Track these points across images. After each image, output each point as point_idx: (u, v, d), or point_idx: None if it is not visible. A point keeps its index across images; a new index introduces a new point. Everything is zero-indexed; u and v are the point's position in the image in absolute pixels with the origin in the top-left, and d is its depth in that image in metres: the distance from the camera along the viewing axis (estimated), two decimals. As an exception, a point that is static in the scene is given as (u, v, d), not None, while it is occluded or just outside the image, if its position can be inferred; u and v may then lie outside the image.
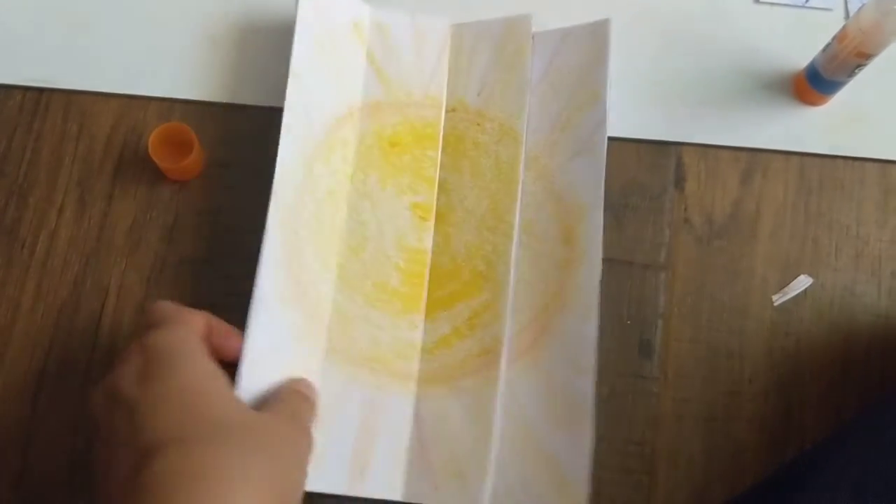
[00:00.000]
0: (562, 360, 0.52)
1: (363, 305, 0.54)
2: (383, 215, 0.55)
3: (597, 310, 0.52)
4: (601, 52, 0.57)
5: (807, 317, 0.56)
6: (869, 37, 0.51)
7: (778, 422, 0.54)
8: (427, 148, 0.57)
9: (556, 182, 0.56)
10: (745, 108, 0.60)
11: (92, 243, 0.56)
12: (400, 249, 0.55)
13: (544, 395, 0.52)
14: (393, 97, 0.58)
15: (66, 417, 0.52)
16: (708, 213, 0.58)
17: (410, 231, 0.55)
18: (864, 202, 0.58)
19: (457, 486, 0.50)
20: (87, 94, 0.58)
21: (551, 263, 0.54)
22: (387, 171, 0.56)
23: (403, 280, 0.54)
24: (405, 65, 0.58)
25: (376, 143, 0.57)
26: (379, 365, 0.53)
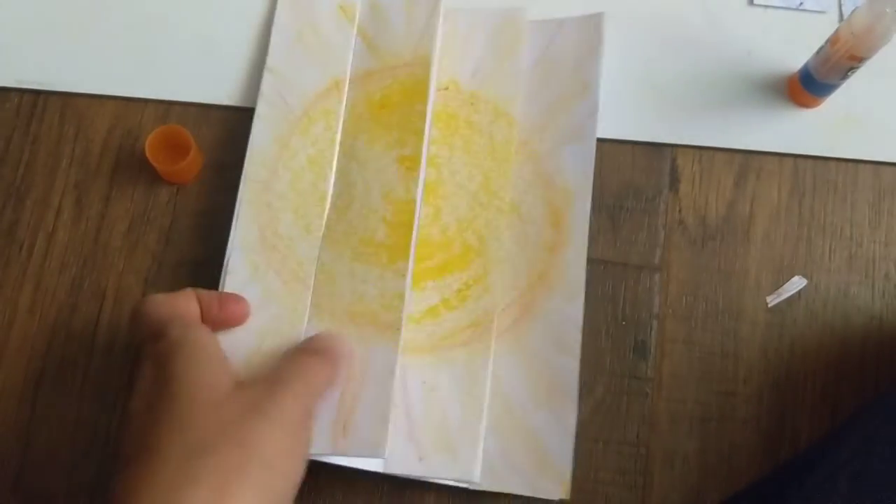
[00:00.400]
0: (546, 340, 0.54)
1: (349, 261, 0.54)
2: (370, 173, 0.56)
3: (582, 292, 0.54)
4: (594, 44, 0.59)
5: (801, 318, 0.57)
6: (861, 40, 0.52)
7: (772, 423, 0.55)
8: (415, 102, 0.57)
9: (545, 166, 0.57)
10: (739, 110, 0.60)
11: (89, 245, 0.56)
12: (387, 202, 0.55)
13: (526, 372, 0.53)
14: (382, 63, 0.58)
15: (65, 419, 0.53)
16: (702, 214, 0.58)
17: (398, 183, 0.55)
18: (857, 204, 0.59)
19: (446, 457, 0.51)
20: (83, 97, 0.59)
21: (537, 245, 0.56)
22: (376, 131, 0.57)
23: (390, 232, 0.54)
24: (396, 33, 0.59)
25: (366, 108, 0.57)
26: (364, 319, 0.52)
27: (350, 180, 0.56)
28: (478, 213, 0.56)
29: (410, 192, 0.55)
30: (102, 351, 0.54)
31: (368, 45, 0.59)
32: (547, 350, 0.54)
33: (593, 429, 0.54)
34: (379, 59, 0.59)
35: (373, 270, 0.53)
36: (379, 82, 0.58)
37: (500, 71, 0.59)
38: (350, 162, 0.56)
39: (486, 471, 0.51)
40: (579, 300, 0.54)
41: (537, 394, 0.53)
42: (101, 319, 0.55)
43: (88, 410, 0.53)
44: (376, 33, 0.59)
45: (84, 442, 0.53)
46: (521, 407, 0.53)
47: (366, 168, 0.56)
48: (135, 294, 0.55)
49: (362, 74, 0.58)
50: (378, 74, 0.58)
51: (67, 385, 0.53)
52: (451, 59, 0.59)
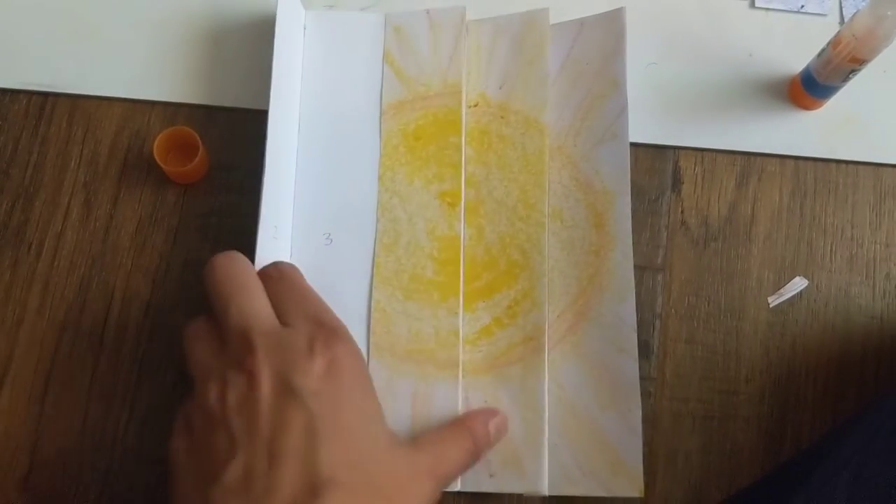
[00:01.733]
0: (604, 342, 0.54)
1: (402, 300, 0.55)
2: (413, 208, 0.56)
3: (633, 291, 0.54)
4: (618, 40, 0.59)
5: (802, 318, 0.57)
6: (863, 42, 0.52)
7: (774, 421, 0.55)
8: (450, 134, 0.57)
9: (581, 170, 0.57)
10: (741, 112, 0.60)
11: (98, 245, 0.56)
12: (432, 239, 0.56)
13: (588, 377, 0.54)
14: (413, 93, 0.59)
15: (74, 418, 0.53)
16: (704, 215, 0.59)
17: (441, 219, 0.56)
18: (858, 205, 0.59)
19: (514, 472, 0.52)
20: (91, 99, 0.59)
21: (584, 249, 0.56)
22: (413, 165, 0.57)
23: (438, 269, 0.55)
24: (423, 59, 0.59)
25: (402, 140, 0.58)
26: (423, 356, 0.54)
27: (394, 216, 0.56)
28: (519, 228, 0.56)
29: (454, 228, 0.56)
30: (111, 350, 0.54)
31: (396, 72, 0.59)
32: (605, 352, 0.54)
33: (597, 427, 0.55)
34: (408, 87, 0.59)
35: (426, 309, 0.54)
36: (411, 112, 0.58)
37: (525, 78, 0.59)
38: (392, 197, 0.57)
39: (561, 478, 0.52)
40: (631, 300, 0.54)
41: (601, 396, 0.53)
42: (109, 319, 0.55)
43: (97, 410, 0.53)
44: (403, 60, 0.59)
45: (92, 441, 0.53)
46: (587, 411, 0.53)
47: (408, 203, 0.56)
48: (142, 294, 0.55)
49: (395, 105, 0.58)
50: (410, 104, 0.58)
51: (76, 384, 0.54)
52: (477, 74, 0.59)
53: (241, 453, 0.40)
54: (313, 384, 0.42)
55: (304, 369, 0.42)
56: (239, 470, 0.40)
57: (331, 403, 0.42)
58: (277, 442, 0.40)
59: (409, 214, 0.56)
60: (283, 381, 0.42)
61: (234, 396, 0.42)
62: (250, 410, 0.41)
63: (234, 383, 0.42)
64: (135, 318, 0.55)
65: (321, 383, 0.42)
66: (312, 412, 0.41)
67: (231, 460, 0.40)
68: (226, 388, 0.43)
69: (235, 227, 0.56)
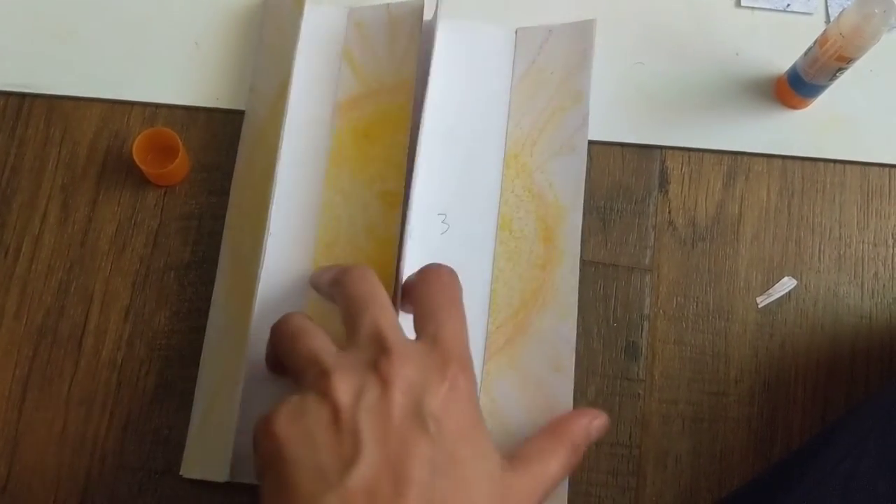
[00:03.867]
0: (541, 359, 0.53)
1: None
2: (354, 208, 0.54)
3: (575, 310, 0.53)
4: (586, 52, 0.58)
5: (791, 318, 0.57)
6: (850, 41, 0.52)
7: (764, 423, 0.55)
8: (397, 132, 0.55)
9: (535, 180, 0.56)
10: (728, 111, 0.60)
11: (76, 249, 0.55)
12: (370, 239, 0.54)
13: (522, 393, 0.52)
14: (367, 88, 0.57)
15: (52, 425, 0.52)
16: (691, 215, 0.58)
17: (379, 220, 0.54)
18: (845, 204, 0.59)
19: None
20: (69, 100, 0.58)
21: (530, 262, 0.55)
22: (358, 162, 0.55)
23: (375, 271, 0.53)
24: (380, 54, 0.57)
25: (351, 138, 0.56)
26: None
27: (335, 214, 0.55)
28: None
29: (390, 229, 0.53)
30: (90, 356, 0.53)
31: (354, 70, 0.57)
32: (541, 369, 0.53)
33: (586, 430, 0.54)
34: (363, 83, 0.57)
35: None
36: (363, 109, 0.56)
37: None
38: (336, 195, 0.55)
39: None
40: (572, 319, 0.53)
41: (532, 413, 0.52)
42: (88, 324, 0.54)
43: (76, 416, 0.52)
44: (362, 56, 0.58)
45: (72, 448, 0.52)
46: (519, 428, 0.51)
47: (350, 201, 0.55)
48: (122, 298, 0.54)
49: (349, 101, 0.57)
50: (363, 101, 0.57)
51: (54, 390, 0.53)
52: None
53: (366, 461, 0.39)
54: (439, 410, 0.40)
55: (435, 392, 0.41)
56: (363, 479, 0.38)
57: (452, 435, 0.40)
58: (404, 466, 0.39)
59: (350, 214, 0.54)
60: (414, 398, 0.40)
61: (368, 398, 0.40)
62: (382, 417, 0.40)
63: (369, 383, 0.41)
64: (114, 322, 0.54)
65: (445, 411, 0.41)
66: (435, 443, 0.40)
67: (355, 465, 0.38)
68: (360, 387, 0.40)
69: (217, 229, 0.55)
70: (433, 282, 0.47)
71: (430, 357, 0.42)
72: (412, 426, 0.39)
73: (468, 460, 0.41)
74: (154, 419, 0.52)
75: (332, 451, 0.39)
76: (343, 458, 0.39)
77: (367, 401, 0.40)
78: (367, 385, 0.40)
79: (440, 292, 0.47)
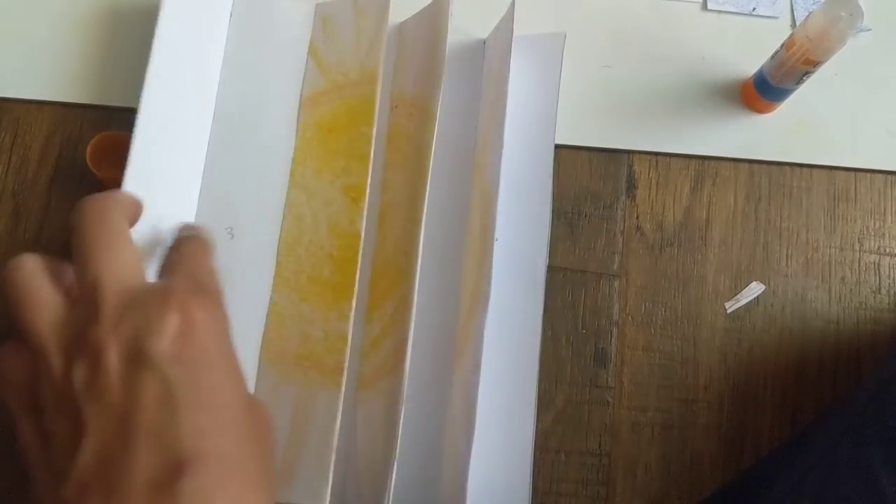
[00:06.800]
0: (469, 360, 0.50)
1: (297, 301, 0.51)
2: (318, 205, 0.53)
3: (488, 301, 0.49)
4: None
5: (759, 324, 0.56)
6: (816, 44, 0.52)
7: (734, 429, 0.54)
8: (361, 125, 0.53)
9: (484, 180, 0.54)
10: (694, 115, 0.60)
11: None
12: (333, 236, 0.52)
13: (461, 398, 0.50)
14: (332, 82, 0.55)
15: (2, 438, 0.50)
16: (659, 220, 0.58)
17: (343, 215, 0.52)
18: (812, 208, 0.59)
19: (371, 489, 0.48)
20: (19, 102, 0.56)
21: (474, 262, 0.53)
22: (323, 158, 0.54)
23: (335, 269, 0.51)
24: (345, 47, 0.55)
25: (315, 133, 0.54)
26: (310, 362, 0.50)
27: (298, 212, 0.53)
28: (407, 230, 0.52)
29: (355, 224, 0.51)
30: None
31: (318, 64, 0.56)
32: (469, 369, 0.49)
33: (555, 439, 0.53)
34: (328, 77, 0.55)
35: (318, 311, 0.50)
36: (328, 104, 0.55)
37: (427, 69, 0.55)
38: (299, 192, 0.53)
39: None
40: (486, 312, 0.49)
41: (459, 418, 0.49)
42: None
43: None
44: (327, 51, 0.56)
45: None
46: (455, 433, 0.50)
47: (314, 199, 0.53)
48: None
49: (313, 97, 0.55)
50: (327, 95, 0.55)
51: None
52: (403, 74, 0.56)
53: (90, 438, 0.35)
54: (168, 346, 0.36)
55: (157, 329, 0.36)
56: (89, 457, 0.34)
57: (190, 367, 0.36)
58: (130, 418, 0.35)
59: (314, 211, 0.53)
60: (134, 347, 0.36)
61: (79, 375, 0.36)
62: (98, 388, 0.35)
63: (79, 358, 0.36)
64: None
65: (177, 345, 0.36)
66: (168, 379, 0.35)
67: (79, 448, 0.34)
68: (69, 365, 0.36)
69: (175, 236, 0.54)
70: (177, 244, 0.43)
71: (150, 297, 0.37)
72: (135, 374, 0.35)
73: (217, 390, 0.37)
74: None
75: (61, 437, 0.36)
76: (68, 446, 0.35)
77: (78, 376, 0.36)
78: (76, 356, 0.36)
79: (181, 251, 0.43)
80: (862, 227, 0.59)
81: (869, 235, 0.59)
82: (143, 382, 0.35)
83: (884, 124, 0.60)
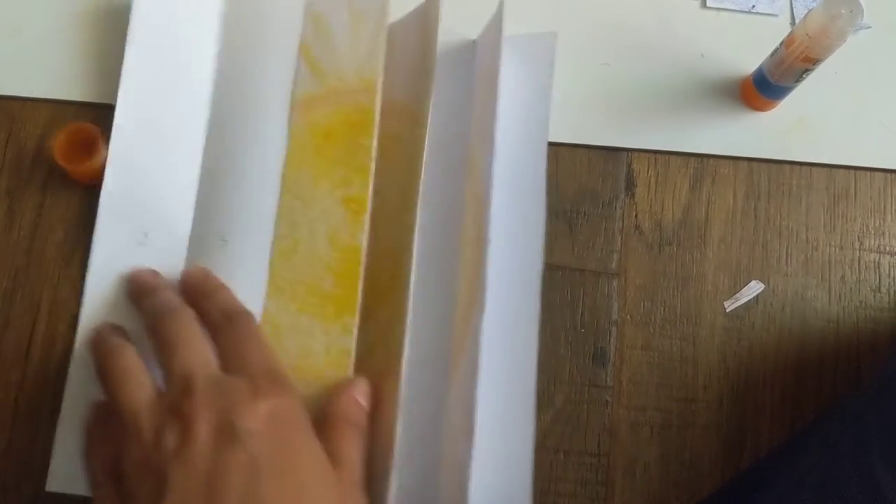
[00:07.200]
0: (467, 365, 0.49)
1: (294, 312, 0.50)
2: (315, 214, 0.52)
3: (485, 304, 0.49)
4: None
5: (759, 323, 0.56)
6: (816, 41, 0.51)
7: (733, 429, 0.54)
8: (360, 135, 0.52)
9: (476, 182, 0.53)
10: (694, 113, 0.59)
11: (22, 256, 0.53)
12: (333, 249, 0.51)
13: (459, 403, 0.49)
14: (327, 87, 0.54)
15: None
16: (658, 219, 0.57)
17: (343, 227, 0.51)
18: (812, 207, 0.59)
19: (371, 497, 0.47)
20: (15, 100, 0.55)
21: (469, 265, 0.52)
22: (320, 167, 0.52)
23: (336, 282, 0.50)
24: (340, 51, 0.54)
25: (310, 139, 0.53)
26: (310, 376, 0.49)
27: (293, 220, 0.52)
28: (398, 236, 0.51)
29: (356, 237, 0.50)
30: (37, 368, 0.51)
31: (311, 65, 0.54)
32: (467, 374, 0.49)
33: (553, 439, 0.53)
34: (323, 82, 0.54)
35: (318, 325, 0.50)
36: (323, 109, 0.53)
37: (416, 71, 0.54)
38: (294, 199, 0.52)
39: None
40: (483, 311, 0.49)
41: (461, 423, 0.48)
42: (35, 334, 0.52)
43: (23, 431, 0.50)
44: (320, 52, 0.55)
45: (18, 466, 0.50)
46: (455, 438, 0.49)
47: (310, 208, 0.52)
48: (71, 307, 0.52)
49: (306, 99, 0.54)
50: (322, 100, 0.54)
51: (0, 403, 0.50)
52: (391, 78, 0.55)
53: (173, 494, 0.38)
54: (256, 426, 0.40)
55: (248, 411, 0.40)
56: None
57: (275, 443, 0.40)
58: (217, 482, 0.38)
59: (311, 220, 0.51)
60: (224, 423, 0.40)
61: (170, 444, 0.40)
62: (186, 452, 0.39)
63: (171, 429, 0.40)
64: (62, 332, 0.52)
65: (262, 424, 0.40)
66: (254, 452, 0.39)
67: (163, 499, 0.38)
68: (161, 436, 0.40)
69: (171, 234, 0.53)
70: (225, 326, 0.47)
71: (238, 385, 0.42)
72: (224, 445, 0.39)
73: (299, 461, 0.41)
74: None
75: (143, 496, 0.40)
76: (151, 498, 0.39)
77: (169, 446, 0.40)
78: (168, 430, 0.40)
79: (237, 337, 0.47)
80: (862, 226, 0.59)
81: (869, 234, 0.58)
82: (231, 452, 0.39)
83: (884, 122, 0.60)
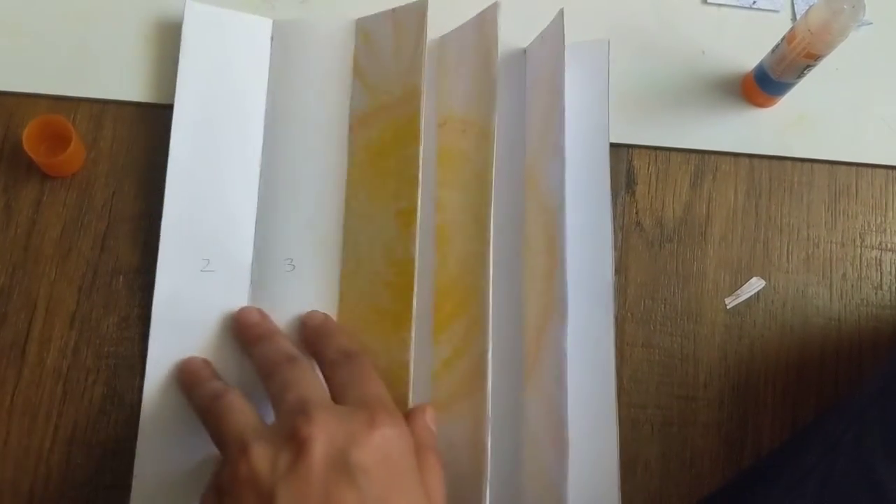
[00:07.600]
0: (550, 374, 0.49)
1: (359, 333, 0.50)
2: (374, 231, 0.51)
3: (567, 316, 0.49)
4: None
5: (760, 320, 0.56)
6: (818, 37, 0.51)
7: (734, 427, 0.54)
8: (408, 146, 0.51)
9: (541, 190, 0.53)
10: (695, 109, 0.59)
11: (19, 253, 0.52)
12: (389, 264, 0.50)
13: (543, 413, 0.49)
14: (377, 102, 0.53)
15: (-8, 438, 0.49)
16: (659, 216, 0.57)
17: (397, 242, 0.50)
18: (813, 204, 0.58)
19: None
20: (12, 95, 0.55)
21: (541, 276, 0.51)
22: (374, 183, 0.52)
23: (393, 297, 0.50)
24: (386, 64, 0.54)
25: (366, 157, 0.53)
26: None
27: (356, 240, 0.51)
28: (472, 250, 0.51)
29: (408, 250, 0.49)
30: (33, 365, 0.51)
31: (364, 84, 0.54)
32: (550, 385, 0.49)
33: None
34: (374, 97, 0.53)
35: (379, 341, 0.49)
36: (375, 124, 0.53)
37: (479, 87, 0.53)
38: (355, 219, 0.52)
39: None
40: (565, 324, 0.48)
41: (549, 432, 0.49)
42: (31, 331, 0.51)
43: (19, 428, 0.50)
44: (370, 69, 0.54)
45: (15, 462, 0.49)
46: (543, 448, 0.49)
47: (370, 225, 0.51)
48: (68, 304, 0.52)
49: (361, 116, 0.53)
50: (374, 116, 0.53)
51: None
52: (445, 90, 0.54)
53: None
54: (369, 461, 0.40)
55: (363, 443, 0.40)
56: None
57: (383, 485, 0.40)
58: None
59: (370, 238, 0.51)
60: (339, 450, 0.40)
61: (283, 463, 0.40)
62: (299, 478, 0.39)
63: (285, 450, 0.40)
64: (59, 330, 0.51)
65: (375, 462, 0.40)
66: (363, 492, 0.39)
67: None
68: (275, 456, 0.40)
69: (169, 231, 0.53)
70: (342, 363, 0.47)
71: (355, 414, 0.42)
72: (337, 479, 0.39)
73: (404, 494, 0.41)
74: (101, 431, 0.50)
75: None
76: None
77: (281, 466, 0.40)
78: (282, 451, 0.40)
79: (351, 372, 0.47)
80: (863, 223, 0.58)
81: (870, 231, 0.58)
82: (342, 488, 0.39)
83: (885, 119, 0.60)
